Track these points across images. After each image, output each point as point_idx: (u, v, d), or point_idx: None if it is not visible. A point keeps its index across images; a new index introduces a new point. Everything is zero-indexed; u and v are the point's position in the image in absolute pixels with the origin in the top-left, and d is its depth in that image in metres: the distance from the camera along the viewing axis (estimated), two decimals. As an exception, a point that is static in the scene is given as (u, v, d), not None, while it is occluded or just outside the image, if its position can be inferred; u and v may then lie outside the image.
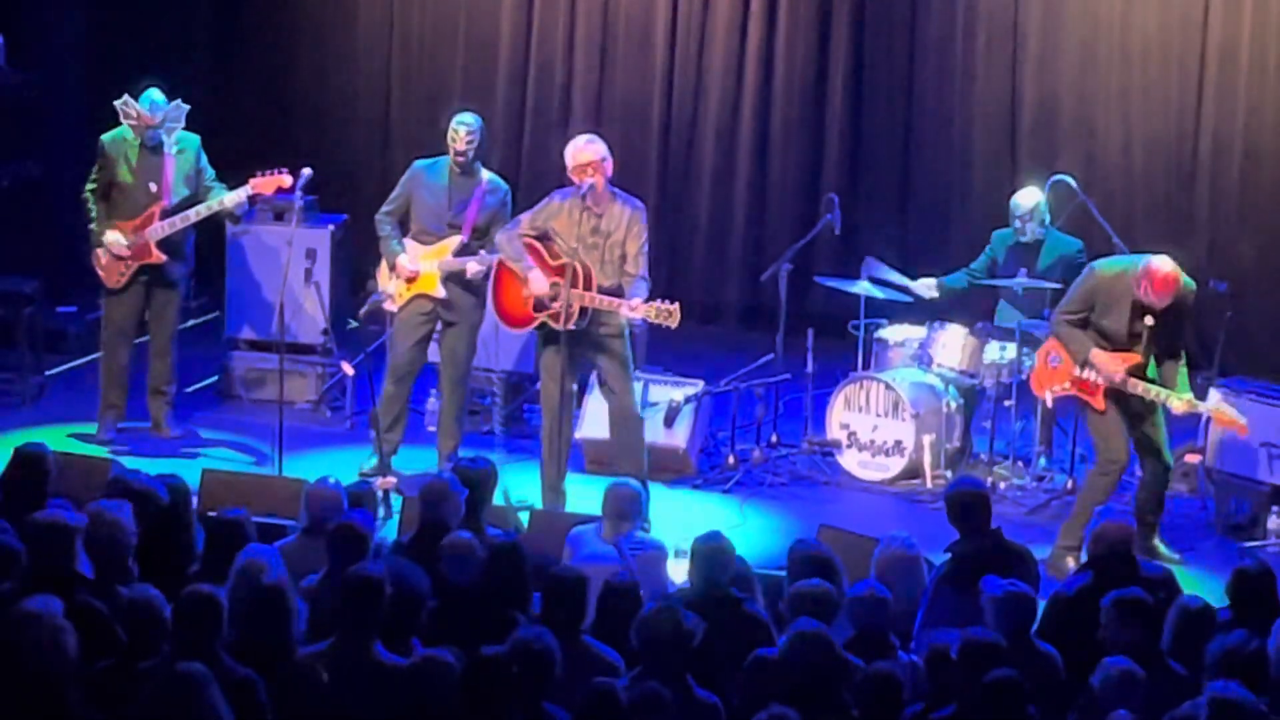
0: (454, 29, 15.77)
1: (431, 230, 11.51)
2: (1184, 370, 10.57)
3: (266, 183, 11.84)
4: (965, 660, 7.22)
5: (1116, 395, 10.58)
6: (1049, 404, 11.09)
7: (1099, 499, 10.49)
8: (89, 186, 12.01)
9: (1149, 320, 10.45)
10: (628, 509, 9.20)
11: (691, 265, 15.38)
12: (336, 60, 15.99)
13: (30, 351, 13.15)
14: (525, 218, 10.97)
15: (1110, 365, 10.48)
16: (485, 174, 11.59)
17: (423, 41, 15.88)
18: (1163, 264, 10.41)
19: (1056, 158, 13.86)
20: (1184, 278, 10.47)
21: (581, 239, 10.72)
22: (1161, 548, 10.78)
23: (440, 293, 11.48)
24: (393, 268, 11.55)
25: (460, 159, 11.46)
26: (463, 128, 11.46)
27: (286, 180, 11.78)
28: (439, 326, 11.63)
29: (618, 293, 10.67)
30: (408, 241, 11.55)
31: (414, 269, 11.48)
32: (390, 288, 11.59)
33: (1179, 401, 10.45)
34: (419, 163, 11.70)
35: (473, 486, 9.03)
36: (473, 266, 11.41)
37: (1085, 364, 10.59)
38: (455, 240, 11.45)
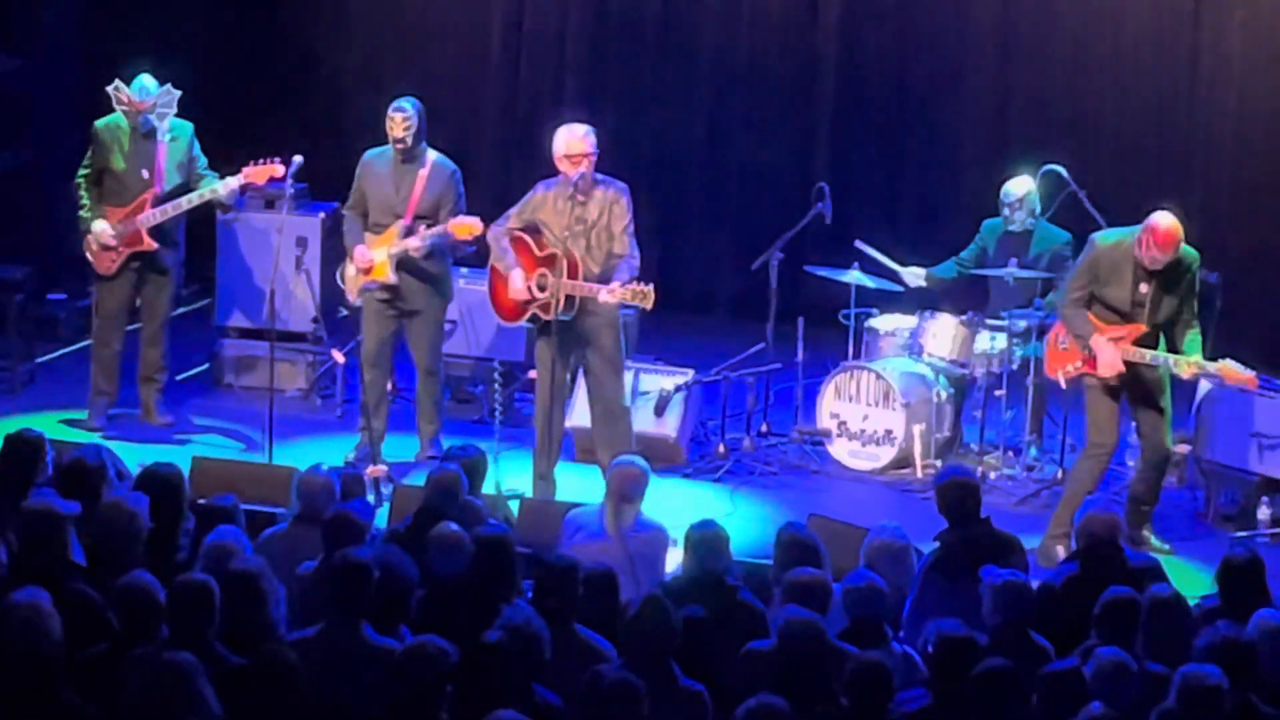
0: (446, 17, 15.76)
1: (381, 222, 11.48)
2: (1196, 338, 10.47)
3: (259, 172, 11.83)
4: (941, 653, 7.24)
5: (1127, 373, 10.53)
6: (1062, 384, 11.01)
7: (1087, 485, 10.49)
8: (81, 173, 11.99)
9: (1144, 288, 10.43)
10: (632, 490, 9.11)
11: (683, 254, 15.37)
12: (329, 47, 15.97)
13: (20, 339, 13.14)
14: (512, 213, 10.97)
15: (1108, 355, 10.44)
16: (431, 156, 11.50)
17: (415, 28, 15.86)
18: (1164, 218, 10.34)
19: (1047, 148, 13.81)
20: (1185, 245, 10.44)
21: (569, 227, 10.73)
22: (1152, 538, 10.78)
23: (392, 278, 11.40)
24: (351, 259, 11.54)
25: (400, 145, 11.39)
26: (399, 114, 11.40)
27: (279, 170, 11.77)
28: (404, 317, 11.60)
29: (607, 279, 10.68)
30: (366, 233, 11.53)
31: (368, 258, 11.44)
32: (347, 282, 11.57)
33: (1185, 364, 10.37)
34: (368, 153, 11.64)
35: (464, 474, 9.03)
36: (412, 243, 11.33)
37: (1087, 347, 10.56)
38: (399, 225, 11.39)
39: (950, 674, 7.17)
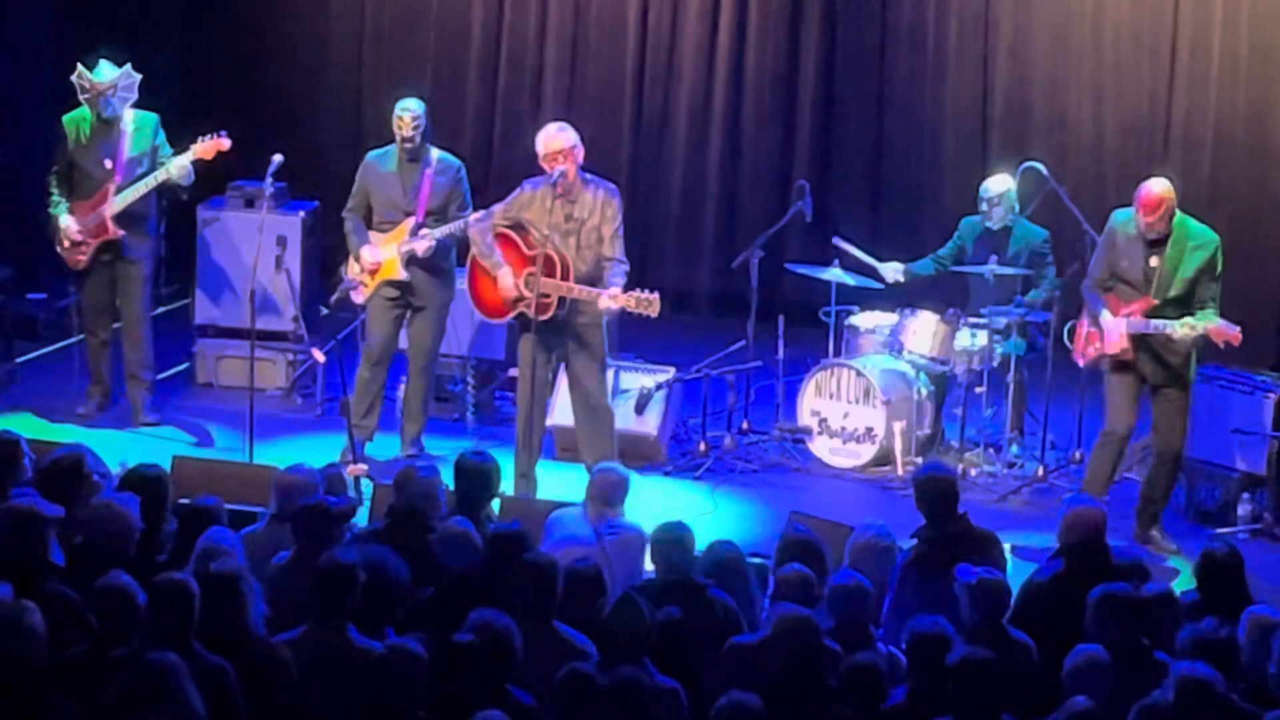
0: (425, 15, 15.75)
1: (389, 219, 11.54)
2: (1211, 317, 10.50)
3: (207, 148, 11.84)
4: (915, 650, 7.26)
5: (1147, 361, 10.60)
6: (1080, 364, 11.03)
7: (1099, 473, 10.58)
8: (53, 168, 12.02)
9: (1154, 261, 10.54)
10: (613, 494, 9.18)
11: (663, 252, 15.37)
12: (308, 47, 15.97)
13: (0, 338, 13.11)
14: (497, 209, 10.97)
15: (1114, 332, 10.54)
16: (435, 154, 11.59)
17: (394, 28, 15.85)
18: (1152, 183, 10.56)
19: (1028, 146, 13.87)
20: (1203, 227, 10.61)
21: (555, 227, 10.71)
22: (1159, 537, 10.77)
23: (403, 275, 11.48)
24: (357, 259, 11.56)
25: (408, 145, 11.47)
26: (407, 114, 11.47)
27: (225, 144, 11.80)
28: (409, 313, 11.65)
29: (596, 279, 10.68)
30: (371, 233, 11.57)
31: (376, 258, 11.48)
32: (359, 279, 11.61)
33: (1182, 325, 10.43)
34: (370, 154, 11.75)
35: (472, 479, 9.06)
36: (421, 244, 11.38)
37: (1098, 326, 10.64)
38: (410, 222, 11.46)
39: (924, 669, 7.19)
